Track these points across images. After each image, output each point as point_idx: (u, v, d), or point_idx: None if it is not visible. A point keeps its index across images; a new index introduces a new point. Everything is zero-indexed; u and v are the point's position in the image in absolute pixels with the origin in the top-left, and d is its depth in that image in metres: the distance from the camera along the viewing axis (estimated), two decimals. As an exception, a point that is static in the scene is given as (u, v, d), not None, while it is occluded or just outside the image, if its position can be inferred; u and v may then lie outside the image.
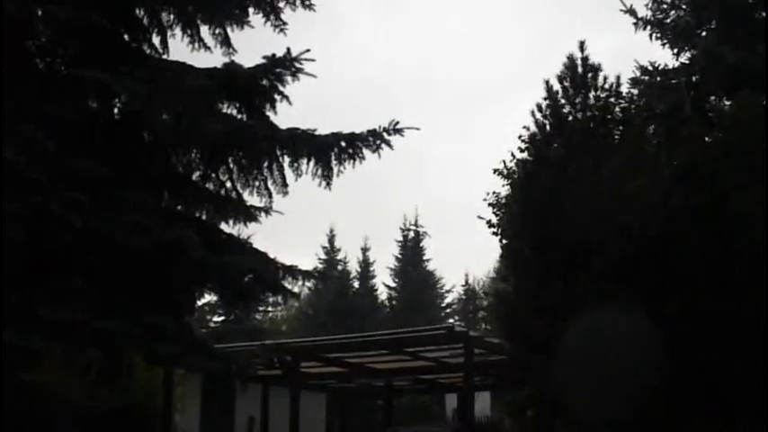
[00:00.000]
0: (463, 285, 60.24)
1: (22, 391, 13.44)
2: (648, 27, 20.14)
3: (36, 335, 11.16)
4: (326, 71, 14.50)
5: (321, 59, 14.36)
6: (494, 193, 18.26)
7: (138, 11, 14.98)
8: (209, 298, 29.84)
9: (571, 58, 17.27)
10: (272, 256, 15.35)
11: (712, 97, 19.35)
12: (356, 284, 55.26)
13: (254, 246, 15.83)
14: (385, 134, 14.08)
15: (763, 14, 18.14)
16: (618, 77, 17.18)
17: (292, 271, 15.17)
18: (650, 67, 19.82)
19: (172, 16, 15.25)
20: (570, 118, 17.01)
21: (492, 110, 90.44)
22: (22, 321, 11.26)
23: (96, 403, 20.01)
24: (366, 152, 14.22)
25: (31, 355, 11.99)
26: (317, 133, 14.34)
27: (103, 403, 20.33)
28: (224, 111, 14.83)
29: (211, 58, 15.22)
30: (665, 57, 20.48)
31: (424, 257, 57.37)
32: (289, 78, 14.29)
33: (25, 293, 11.91)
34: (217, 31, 15.37)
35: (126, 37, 15.00)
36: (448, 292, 59.07)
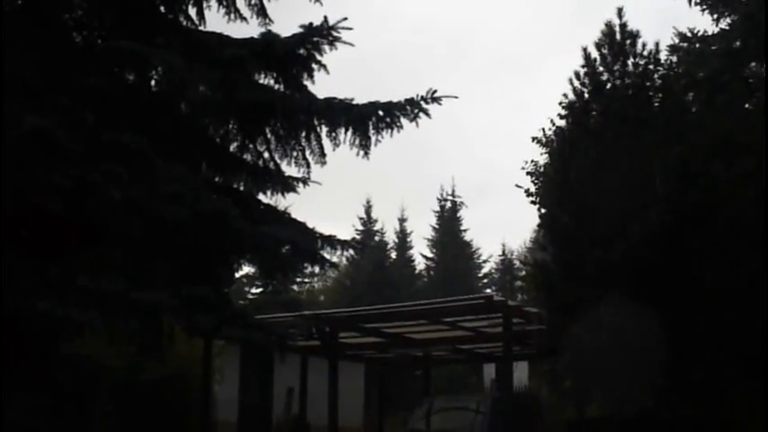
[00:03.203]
0: (500, 255, 60.20)
1: (65, 361, 13.56)
2: (688, -8, 19.94)
3: (77, 306, 11.23)
4: (361, 36, 14.34)
5: (356, 24, 14.28)
6: (532, 161, 18.16)
7: (173, -18, 14.97)
8: (246, 270, 30.05)
9: (609, 25, 17.13)
10: (310, 226, 15.37)
11: (753, 63, 19.15)
12: (393, 255, 55.28)
13: (293, 216, 15.87)
14: (423, 103, 13.97)
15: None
16: (657, 44, 17.04)
17: (331, 241, 15.16)
18: (689, 34, 19.63)
19: (208, -13, 15.22)
20: (609, 85, 16.89)
21: (531, 74, 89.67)
22: (63, 292, 11.33)
23: (137, 374, 20.19)
24: (404, 121, 14.14)
25: (72, 326, 12.07)
26: (354, 102, 14.28)
27: (144, 374, 20.50)
28: (261, 81, 14.81)
29: (247, 29, 15.20)
30: (704, 23, 20.29)
31: (461, 227, 57.36)
32: (326, 47, 14.23)
33: (65, 264, 11.99)
34: (253, 2, 15.31)
35: (162, 9, 14.98)
36: (485, 262, 59.15)
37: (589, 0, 75.88)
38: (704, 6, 19.88)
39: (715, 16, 19.97)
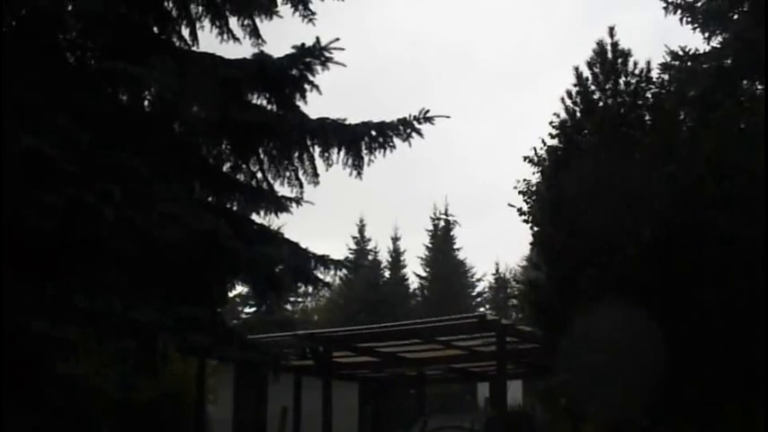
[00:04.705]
0: (494, 274, 60.21)
1: (59, 381, 13.51)
2: (679, 11, 20.04)
3: (72, 325, 11.24)
4: (355, 50, 14.39)
5: (350, 38, 14.32)
6: (524, 180, 18.20)
7: (166, 3, 14.99)
8: (240, 289, 30.06)
9: (601, 44, 17.21)
10: (303, 245, 15.40)
11: (744, 81, 19.23)
12: (387, 274, 55.29)
13: (286, 236, 15.90)
14: (415, 122, 14.01)
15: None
16: (648, 63, 17.12)
17: (324, 261, 15.18)
18: (681, 52, 19.72)
19: (200, 8, 15.24)
20: (601, 104, 16.95)
21: (526, 89, 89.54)
22: (58, 311, 11.33)
23: (131, 394, 20.12)
24: (396, 141, 14.19)
25: (67, 346, 12.07)
26: (347, 122, 14.33)
27: (138, 394, 20.44)
28: (254, 101, 14.86)
29: (240, 49, 15.27)
30: (695, 41, 20.37)
31: (455, 246, 57.36)
32: (318, 68, 14.29)
33: (60, 284, 11.98)
34: (246, 23, 15.37)
35: (155, 29, 15.03)
36: (479, 280, 59.13)
37: (589, 15, 76.03)
38: (695, 25, 19.97)
39: (706, 35, 20.07)
